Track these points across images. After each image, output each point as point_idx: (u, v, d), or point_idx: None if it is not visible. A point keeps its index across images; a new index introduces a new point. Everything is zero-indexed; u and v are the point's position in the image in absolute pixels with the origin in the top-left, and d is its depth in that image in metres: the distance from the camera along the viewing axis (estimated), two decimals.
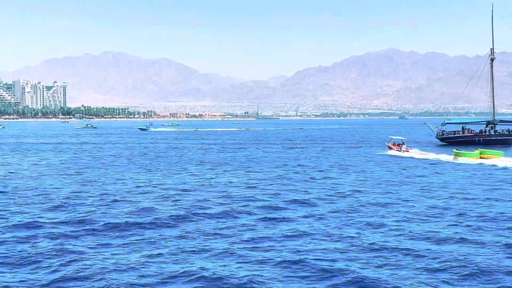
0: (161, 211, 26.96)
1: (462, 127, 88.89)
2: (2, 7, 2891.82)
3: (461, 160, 55.70)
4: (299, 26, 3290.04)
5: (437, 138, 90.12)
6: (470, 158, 56.05)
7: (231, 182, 39.40)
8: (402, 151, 65.39)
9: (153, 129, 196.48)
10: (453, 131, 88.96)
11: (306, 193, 33.18)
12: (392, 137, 76.70)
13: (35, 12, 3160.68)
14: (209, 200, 30.44)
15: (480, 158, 56.01)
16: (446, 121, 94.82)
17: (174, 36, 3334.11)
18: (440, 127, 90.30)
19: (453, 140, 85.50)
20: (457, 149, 61.14)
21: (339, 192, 33.63)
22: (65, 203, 29.65)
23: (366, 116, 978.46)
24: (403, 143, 67.96)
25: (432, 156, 61.47)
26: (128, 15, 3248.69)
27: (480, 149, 59.19)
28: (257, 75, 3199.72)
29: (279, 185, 37.75)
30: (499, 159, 54.77)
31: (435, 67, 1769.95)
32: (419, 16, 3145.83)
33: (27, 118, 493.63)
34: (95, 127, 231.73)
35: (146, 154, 70.67)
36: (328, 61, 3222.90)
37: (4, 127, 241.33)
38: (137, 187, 36.72)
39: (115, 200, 30.58)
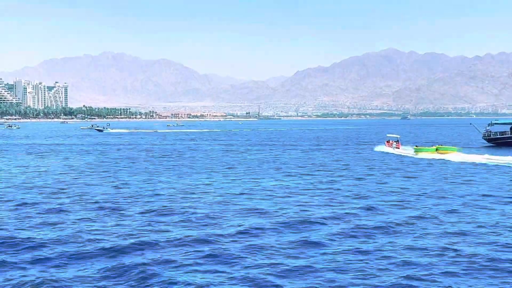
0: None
1: (511, 128, 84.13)
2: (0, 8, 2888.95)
3: (420, 155, 63.47)
4: (297, 27, 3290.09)
5: (484, 139, 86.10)
6: (428, 153, 64.07)
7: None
8: (393, 147, 73.37)
9: (110, 130, 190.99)
10: (501, 132, 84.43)
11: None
12: (388, 135, 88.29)
13: (34, 13, 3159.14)
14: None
15: (438, 153, 63.46)
16: (493, 121, 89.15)
17: (173, 36, 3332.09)
18: (487, 128, 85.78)
19: (501, 141, 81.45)
20: (416, 145, 71.67)
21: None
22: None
23: (367, 116, 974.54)
24: (397, 140, 75.47)
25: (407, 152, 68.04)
26: (127, 16, 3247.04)
27: (437, 146, 67.58)
28: (256, 76, 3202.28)
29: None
30: (454, 154, 62.26)
31: (435, 68, 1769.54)
32: (418, 16, 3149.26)
33: (29, 118, 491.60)
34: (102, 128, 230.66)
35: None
36: (328, 62, 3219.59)
37: (18, 128, 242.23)
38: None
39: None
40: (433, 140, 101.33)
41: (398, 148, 72.44)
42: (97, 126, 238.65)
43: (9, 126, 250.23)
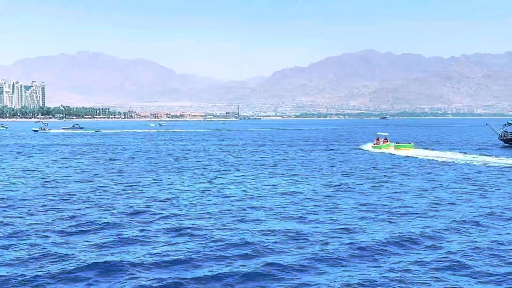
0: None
1: None
2: None
3: (381, 150, 72.55)
4: (275, 27, 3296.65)
5: (500, 140, 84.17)
6: (386, 148, 73.18)
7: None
8: (380, 144, 78.97)
9: (48, 130, 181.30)
10: None
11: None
12: (379, 133, 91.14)
13: (5, 11, 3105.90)
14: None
15: (395, 149, 71.02)
16: (510, 122, 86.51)
17: (151, 36, 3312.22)
18: (503, 128, 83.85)
19: None
20: (374, 144, 79.21)
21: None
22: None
23: (345, 116, 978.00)
24: (385, 138, 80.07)
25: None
26: (103, 14, 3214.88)
27: (395, 143, 75.46)
28: (235, 76, 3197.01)
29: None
30: (409, 150, 69.05)
31: (411, 68, 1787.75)
32: (394, 18, 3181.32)
33: (6, 118, 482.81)
34: (82, 127, 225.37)
35: None
36: (305, 62, 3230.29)
37: (6, 127, 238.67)
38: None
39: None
40: (450, 142, 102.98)
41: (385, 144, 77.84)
42: (78, 125, 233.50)
43: None
